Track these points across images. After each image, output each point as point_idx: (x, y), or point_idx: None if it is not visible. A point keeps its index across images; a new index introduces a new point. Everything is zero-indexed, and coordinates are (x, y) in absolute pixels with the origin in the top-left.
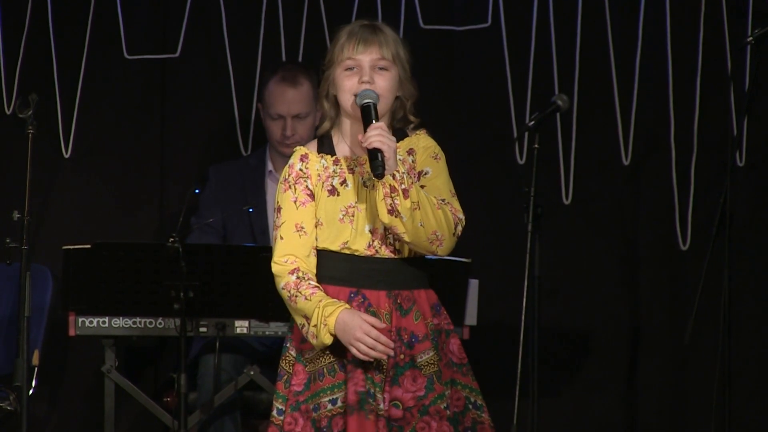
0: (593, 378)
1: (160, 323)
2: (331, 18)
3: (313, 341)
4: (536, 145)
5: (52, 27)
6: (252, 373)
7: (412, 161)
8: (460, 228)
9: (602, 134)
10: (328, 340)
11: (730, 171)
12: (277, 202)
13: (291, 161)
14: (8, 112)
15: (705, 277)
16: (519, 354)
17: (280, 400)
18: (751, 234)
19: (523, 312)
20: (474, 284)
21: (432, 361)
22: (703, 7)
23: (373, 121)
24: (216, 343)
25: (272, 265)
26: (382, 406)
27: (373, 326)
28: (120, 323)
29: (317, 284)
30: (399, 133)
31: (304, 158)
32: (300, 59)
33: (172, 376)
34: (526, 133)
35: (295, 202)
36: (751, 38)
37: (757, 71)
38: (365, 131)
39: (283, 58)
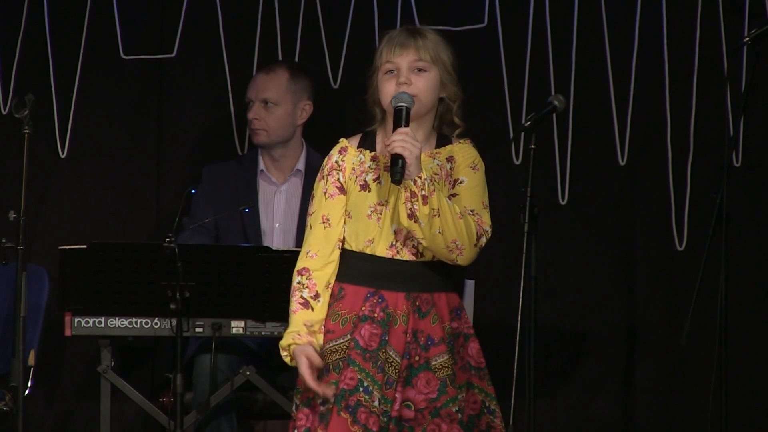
0: (590, 378)
1: (156, 323)
2: (327, 18)
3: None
4: (533, 146)
5: (48, 27)
6: (248, 373)
7: (450, 168)
8: (484, 239)
9: (599, 134)
10: (288, 361)
11: (726, 171)
12: (313, 190)
13: (331, 152)
14: (4, 112)
15: (701, 277)
16: (515, 354)
17: (298, 396)
18: (747, 234)
19: (520, 312)
20: (470, 284)
21: (446, 365)
22: (699, 7)
23: (402, 125)
24: (212, 343)
25: (302, 249)
26: (376, 403)
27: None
28: (116, 323)
29: (308, 298)
30: (442, 140)
31: (342, 151)
32: (296, 59)
33: (168, 376)
34: (523, 134)
35: (324, 193)
36: (747, 39)
37: (754, 72)
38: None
39: (280, 58)
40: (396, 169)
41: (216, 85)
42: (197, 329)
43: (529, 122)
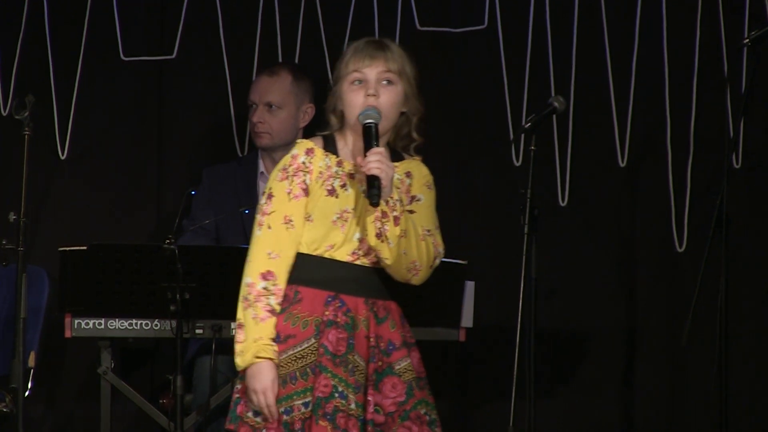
0: (590, 380)
1: (156, 325)
2: (327, 20)
3: (236, 356)
4: (533, 147)
5: (48, 28)
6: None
7: (409, 184)
8: (438, 261)
9: (599, 136)
10: (240, 366)
11: (726, 173)
12: (269, 188)
13: (295, 151)
14: (4, 114)
15: (702, 278)
16: (515, 356)
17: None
18: (747, 236)
19: (520, 314)
20: (470, 286)
21: (409, 368)
22: (699, 8)
23: (374, 144)
24: (212, 345)
25: (252, 250)
26: (353, 406)
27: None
28: (116, 325)
29: (275, 306)
30: (395, 155)
31: (309, 152)
32: (296, 61)
33: (168, 378)
34: (523, 135)
35: (289, 193)
36: (747, 40)
37: (754, 73)
38: (365, 153)
39: (280, 60)
40: (373, 191)
41: (216, 87)
42: (197, 331)
43: (529, 123)
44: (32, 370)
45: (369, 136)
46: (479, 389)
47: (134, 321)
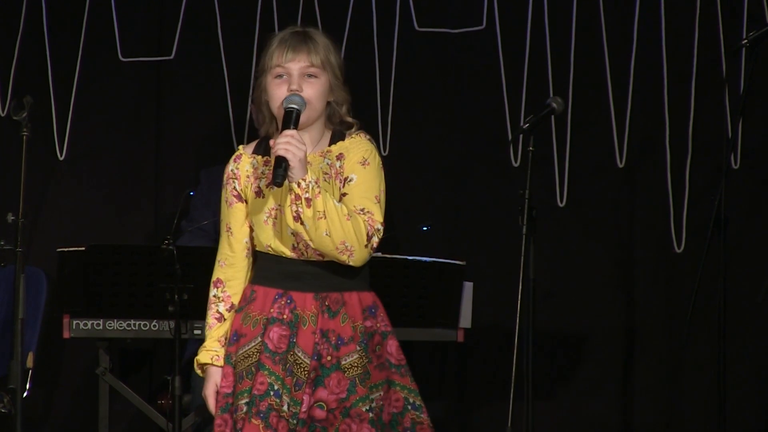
0: (588, 380)
1: (154, 325)
2: (325, 20)
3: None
4: (531, 148)
5: (46, 29)
6: None
7: (340, 166)
8: (376, 239)
9: (597, 137)
10: (196, 369)
11: (725, 173)
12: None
13: (229, 161)
14: (3, 115)
15: (700, 279)
16: (514, 356)
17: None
18: (745, 236)
19: (518, 314)
20: (469, 287)
21: (356, 364)
22: (698, 9)
23: (290, 128)
24: None
25: None
26: (285, 407)
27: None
28: (114, 325)
29: (223, 312)
30: (337, 135)
31: (237, 159)
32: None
33: (167, 379)
34: (521, 136)
35: (225, 201)
36: (745, 41)
37: (752, 74)
38: None
39: None
40: (278, 171)
41: (214, 88)
42: (195, 331)
43: (527, 124)
44: (30, 371)
45: (287, 121)
46: (477, 390)
47: (132, 322)
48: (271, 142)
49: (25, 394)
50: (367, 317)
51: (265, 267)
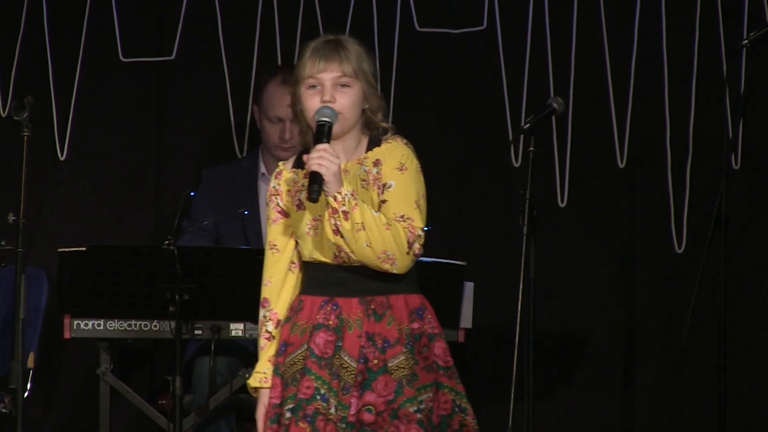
0: (589, 380)
1: (155, 326)
2: (326, 21)
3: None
4: (532, 148)
5: (47, 29)
6: (247, 375)
7: (377, 173)
8: (417, 245)
9: (598, 137)
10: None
11: (725, 174)
12: None
13: (271, 178)
14: (4, 115)
15: (701, 279)
16: (514, 357)
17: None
18: (746, 237)
19: (519, 314)
20: (469, 287)
21: (402, 365)
22: (698, 10)
23: (323, 141)
24: (211, 346)
25: None
26: (333, 410)
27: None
28: (115, 326)
29: (272, 331)
30: (374, 141)
31: (278, 175)
32: (295, 62)
33: (167, 379)
34: (522, 136)
35: (269, 219)
36: (746, 41)
37: (753, 74)
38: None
39: (279, 61)
40: (313, 187)
41: (215, 88)
42: (196, 332)
43: (528, 124)
44: (31, 371)
45: (319, 134)
46: (478, 390)
47: (133, 322)
48: (305, 157)
49: (25, 394)
50: (414, 319)
51: (311, 276)
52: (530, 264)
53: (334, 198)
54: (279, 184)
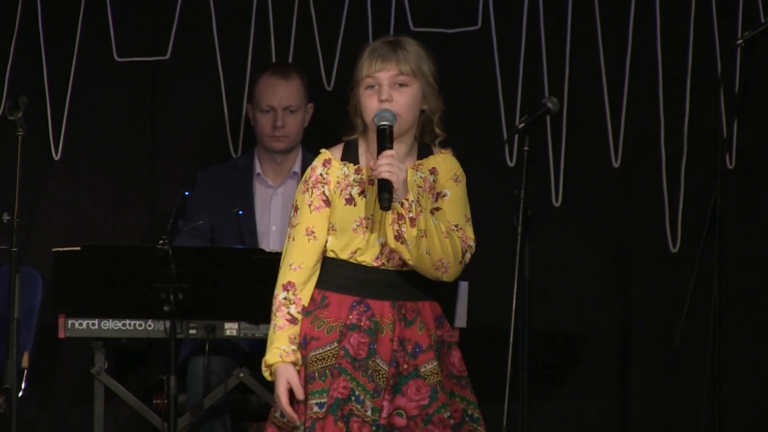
0: (583, 380)
1: (149, 325)
2: (320, 20)
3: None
4: (526, 148)
5: (42, 29)
6: (242, 375)
7: (433, 180)
8: (468, 255)
9: (592, 136)
10: (267, 377)
11: (720, 173)
12: (295, 201)
13: (314, 164)
14: None
15: (695, 279)
16: (509, 357)
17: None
18: (741, 236)
19: (513, 314)
20: (464, 286)
21: (435, 371)
22: (693, 9)
23: (387, 147)
24: (205, 345)
25: (281, 262)
26: (369, 413)
27: (289, 392)
28: (110, 325)
29: (295, 314)
30: (424, 150)
31: (326, 163)
32: (290, 62)
33: (162, 378)
34: (516, 136)
35: (309, 205)
36: (741, 41)
37: (747, 74)
38: (377, 156)
39: (273, 61)
40: (384, 195)
41: (210, 88)
42: (191, 331)
43: (522, 124)
44: (26, 371)
45: (382, 139)
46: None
47: (128, 321)
48: (371, 163)
49: (20, 394)
50: (438, 326)
51: (339, 274)
52: (525, 264)
53: (401, 204)
54: (328, 173)
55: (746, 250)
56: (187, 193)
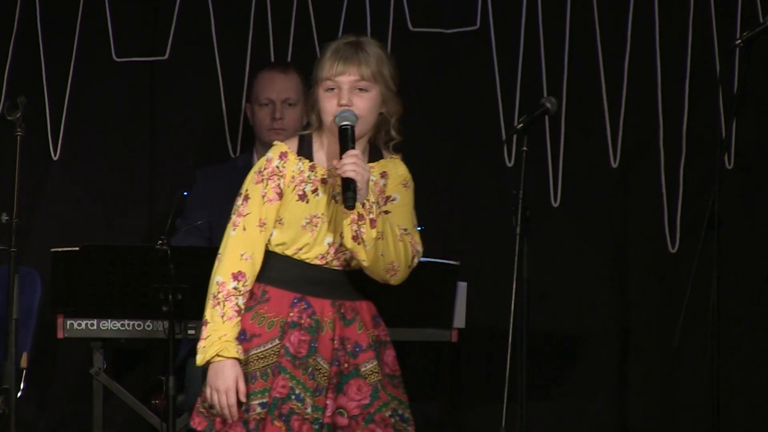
0: (582, 381)
1: (148, 326)
2: (319, 21)
3: (198, 353)
4: (525, 148)
5: (40, 29)
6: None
7: (384, 184)
8: (416, 260)
9: (591, 137)
10: (200, 362)
11: (718, 174)
12: (246, 190)
13: (270, 155)
14: None
15: (694, 279)
16: (508, 356)
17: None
18: (739, 237)
19: (512, 315)
20: (462, 287)
21: (375, 370)
22: (691, 9)
23: (350, 147)
24: None
25: (225, 250)
26: (309, 410)
27: (236, 392)
28: (108, 326)
29: (241, 307)
30: (375, 153)
31: (283, 156)
32: (288, 61)
33: (161, 379)
34: (515, 136)
35: (263, 197)
36: (739, 41)
37: (746, 74)
38: (341, 155)
39: (272, 60)
40: (348, 194)
41: (208, 88)
42: (189, 331)
43: (521, 124)
44: (24, 371)
45: (345, 139)
46: (471, 390)
47: (126, 322)
48: (335, 162)
49: (19, 395)
50: (375, 326)
51: (281, 269)
52: (523, 264)
53: (362, 205)
54: (284, 166)
55: (745, 250)
56: (185, 194)
